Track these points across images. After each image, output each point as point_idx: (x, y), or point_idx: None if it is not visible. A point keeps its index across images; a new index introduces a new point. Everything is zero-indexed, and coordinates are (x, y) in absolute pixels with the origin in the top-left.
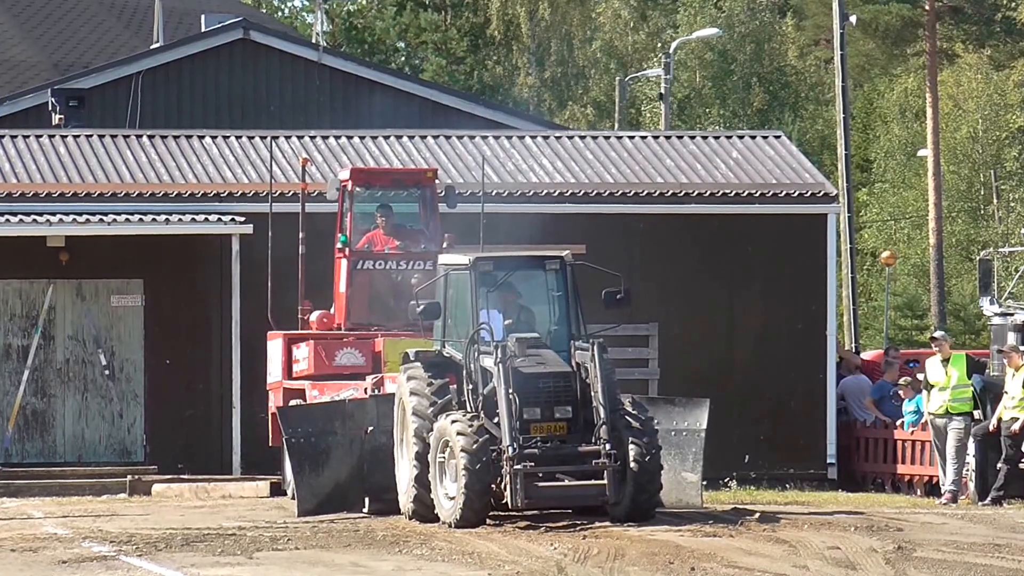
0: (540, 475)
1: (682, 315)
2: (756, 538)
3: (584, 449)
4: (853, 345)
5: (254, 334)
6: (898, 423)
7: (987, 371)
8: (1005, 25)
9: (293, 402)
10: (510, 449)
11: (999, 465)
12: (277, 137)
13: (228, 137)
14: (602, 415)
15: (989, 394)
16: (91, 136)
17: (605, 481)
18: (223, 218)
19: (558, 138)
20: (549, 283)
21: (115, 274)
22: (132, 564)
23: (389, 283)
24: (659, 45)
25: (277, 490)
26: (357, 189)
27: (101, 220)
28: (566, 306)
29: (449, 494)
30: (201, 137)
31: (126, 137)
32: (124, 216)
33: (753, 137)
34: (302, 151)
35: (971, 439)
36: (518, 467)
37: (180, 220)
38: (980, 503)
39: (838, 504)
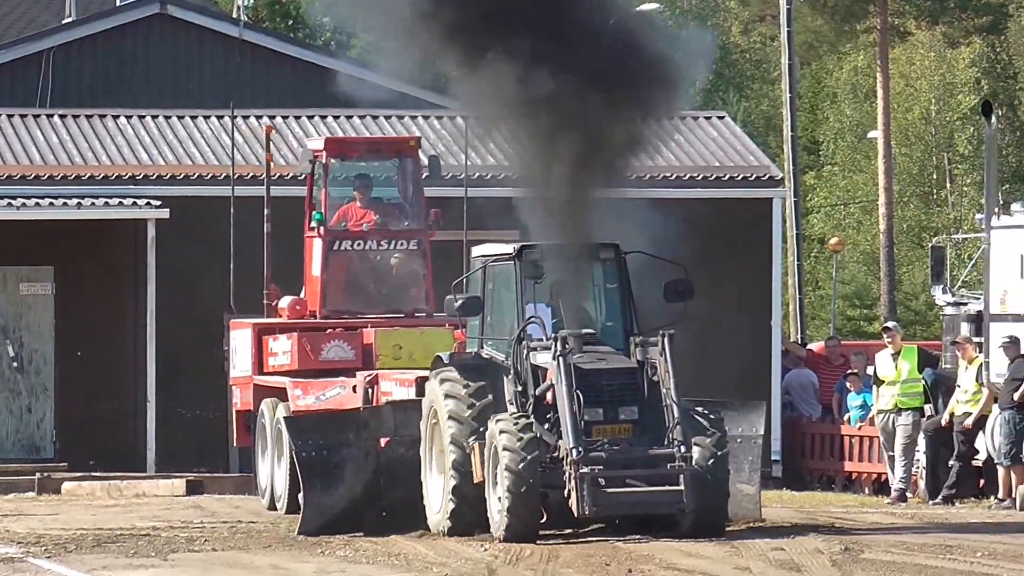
0: (604, 480)
1: None
2: (696, 538)
3: (655, 452)
4: (799, 336)
5: (171, 324)
6: (844, 418)
7: (940, 364)
8: (959, 1)
9: (267, 402)
10: (574, 452)
11: (951, 462)
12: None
13: (144, 117)
14: (675, 414)
15: (941, 388)
16: None
17: (681, 487)
18: (138, 202)
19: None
20: (604, 274)
21: (24, 261)
22: (40, 567)
23: (368, 265)
24: None
25: (193, 488)
26: (331, 161)
27: (9, 204)
28: (620, 299)
29: (499, 508)
30: (116, 116)
31: (36, 116)
32: (34, 200)
33: (695, 118)
34: (221, 130)
35: (921, 435)
36: (584, 471)
37: (93, 204)
38: (931, 502)
39: (783, 503)
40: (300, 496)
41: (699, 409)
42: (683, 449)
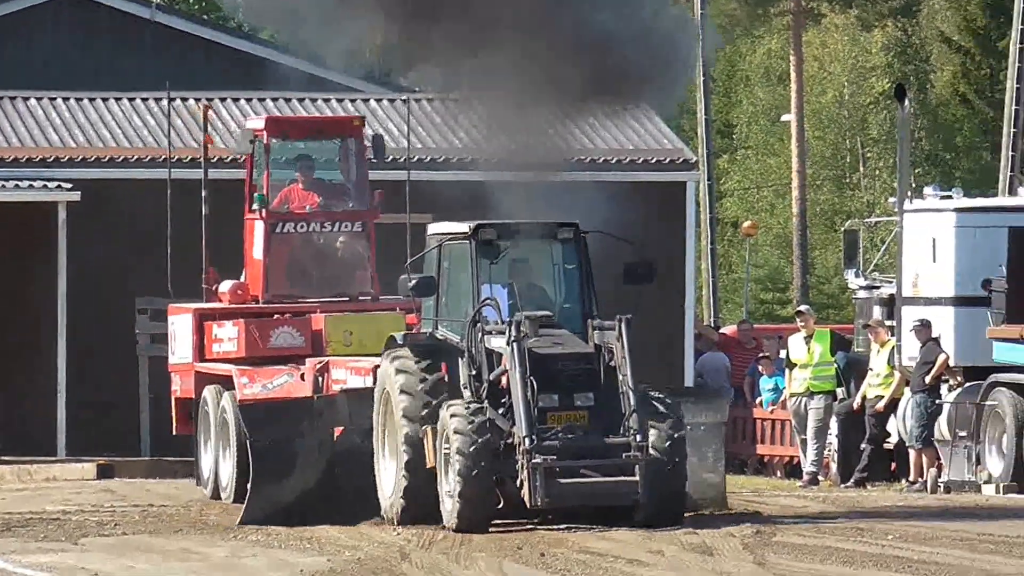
0: (558, 470)
1: None
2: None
3: (611, 441)
4: (712, 320)
5: (83, 309)
6: (757, 401)
7: (852, 347)
8: None
9: (210, 389)
10: (527, 441)
11: (863, 445)
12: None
13: (55, 99)
14: (632, 401)
15: (853, 371)
16: None
17: (636, 478)
18: (48, 184)
19: (404, 101)
20: (563, 255)
21: None
22: None
23: (312, 248)
24: None
25: (104, 472)
26: (272, 141)
27: None
28: (579, 281)
29: (449, 494)
30: (26, 98)
31: None
32: None
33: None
34: (134, 112)
35: (833, 418)
36: (537, 460)
37: (3, 187)
38: (843, 485)
39: None
40: (249, 485)
41: (656, 395)
42: (639, 438)
